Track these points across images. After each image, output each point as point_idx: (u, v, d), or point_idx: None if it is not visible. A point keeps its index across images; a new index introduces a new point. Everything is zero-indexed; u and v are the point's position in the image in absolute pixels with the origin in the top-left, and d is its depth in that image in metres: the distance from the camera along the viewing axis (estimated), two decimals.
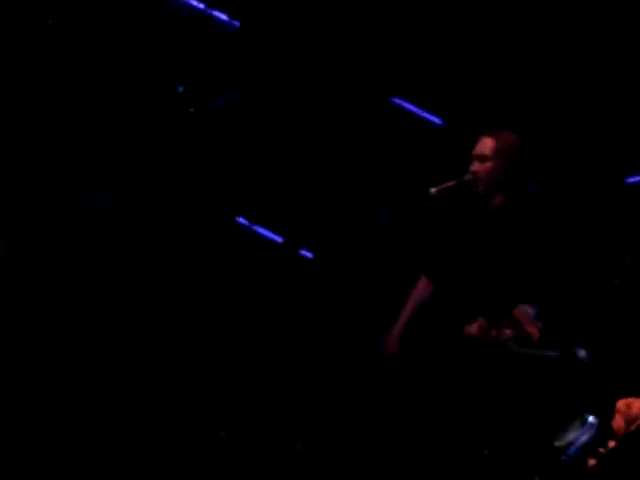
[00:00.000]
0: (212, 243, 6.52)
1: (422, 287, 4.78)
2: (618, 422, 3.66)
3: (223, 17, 6.95)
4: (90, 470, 4.32)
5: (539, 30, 6.20)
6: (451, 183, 4.56)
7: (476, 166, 4.59)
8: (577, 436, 4.79)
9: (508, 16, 6.35)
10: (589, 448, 4.79)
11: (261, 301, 6.36)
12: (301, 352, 5.99)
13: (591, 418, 4.80)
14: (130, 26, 6.78)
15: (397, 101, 6.74)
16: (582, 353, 4.99)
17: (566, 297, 5.45)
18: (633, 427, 3.59)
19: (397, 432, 4.67)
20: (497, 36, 6.37)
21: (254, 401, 5.47)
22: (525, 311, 4.31)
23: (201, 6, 6.95)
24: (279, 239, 6.83)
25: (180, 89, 6.79)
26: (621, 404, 3.66)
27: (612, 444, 3.64)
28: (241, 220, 6.85)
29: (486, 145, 4.60)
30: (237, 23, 6.88)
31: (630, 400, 3.66)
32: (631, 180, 5.95)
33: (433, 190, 4.52)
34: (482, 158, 4.58)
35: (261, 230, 6.87)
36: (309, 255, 6.79)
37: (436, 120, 6.69)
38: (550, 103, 6.24)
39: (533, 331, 4.31)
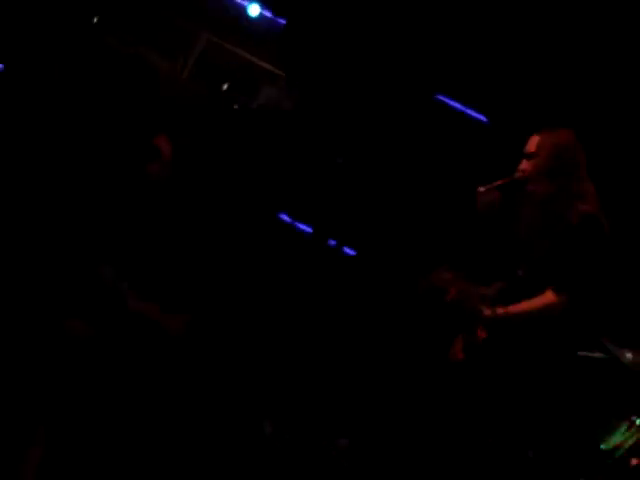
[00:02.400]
0: (254, 239, 6.53)
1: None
2: None
3: (267, 14, 6.97)
4: (134, 466, 4.36)
5: (589, 31, 6.17)
6: (500, 182, 4.54)
7: (524, 164, 4.57)
8: (622, 438, 4.75)
9: (554, 16, 6.32)
10: (635, 450, 4.75)
11: (302, 299, 6.37)
12: (344, 349, 5.99)
13: (638, 421, 4.76)
14: (173, 25, 6.82)
15: (443, 99, 6.73)
16: (628, 355, 4.94)
17: (610, 295, 5.39)
18: None
19: (442, 430, 4.65)
20: (546, 35, 6.34)
21: (298, 396, 5.47)
22: None
23: (244, 3, 6.97)
24: (320, 235, 6.84)
25: (224, 87, 6.82)
26: None
27: None
28: (283, 216, 6.86)
29: (533, 142, 4.58)
30: (283, 20, 6.89)
31: None
32: None
33: (482, 189, 4.50)
34: (529, 155, 4.56)
35: (303, 227, 6.88)
36: (352, 252, 6.79)
37: (482, 118, 6.67)
38: (600, 100, 6.20)
39: None
